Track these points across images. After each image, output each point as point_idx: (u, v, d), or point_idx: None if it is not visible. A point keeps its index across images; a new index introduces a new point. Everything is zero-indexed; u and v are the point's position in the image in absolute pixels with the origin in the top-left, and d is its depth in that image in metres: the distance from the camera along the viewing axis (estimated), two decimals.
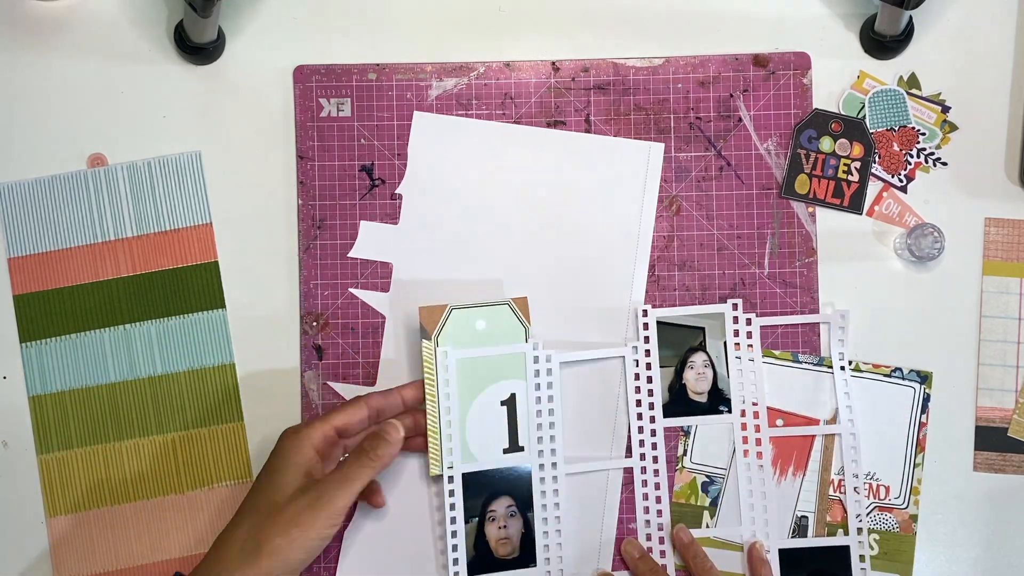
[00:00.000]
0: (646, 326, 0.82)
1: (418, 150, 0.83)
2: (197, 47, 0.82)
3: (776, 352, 0.82)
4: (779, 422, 0.82)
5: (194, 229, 0.83)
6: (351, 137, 0.83)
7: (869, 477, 0.82)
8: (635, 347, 0.82)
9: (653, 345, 0.82)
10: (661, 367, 0.82)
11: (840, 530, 0.81)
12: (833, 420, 0.82)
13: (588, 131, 0.83)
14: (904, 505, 0.82)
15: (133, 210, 0.83)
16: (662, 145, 0.83)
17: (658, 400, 0.81)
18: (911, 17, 0.82)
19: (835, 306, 0.82)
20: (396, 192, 0.83)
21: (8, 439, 0.82)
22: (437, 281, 0.82)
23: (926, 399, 0.82)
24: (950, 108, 0.84)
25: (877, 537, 0.81)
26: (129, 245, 0.83)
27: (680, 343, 0.82)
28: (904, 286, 0.83)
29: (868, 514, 0.81)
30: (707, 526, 0.81)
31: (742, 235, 0.83)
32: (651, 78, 0.83)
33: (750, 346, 0.82)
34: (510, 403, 0.80)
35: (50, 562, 0.81)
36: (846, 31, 0.84)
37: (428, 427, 0.79)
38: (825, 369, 0.82)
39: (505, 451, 0.80)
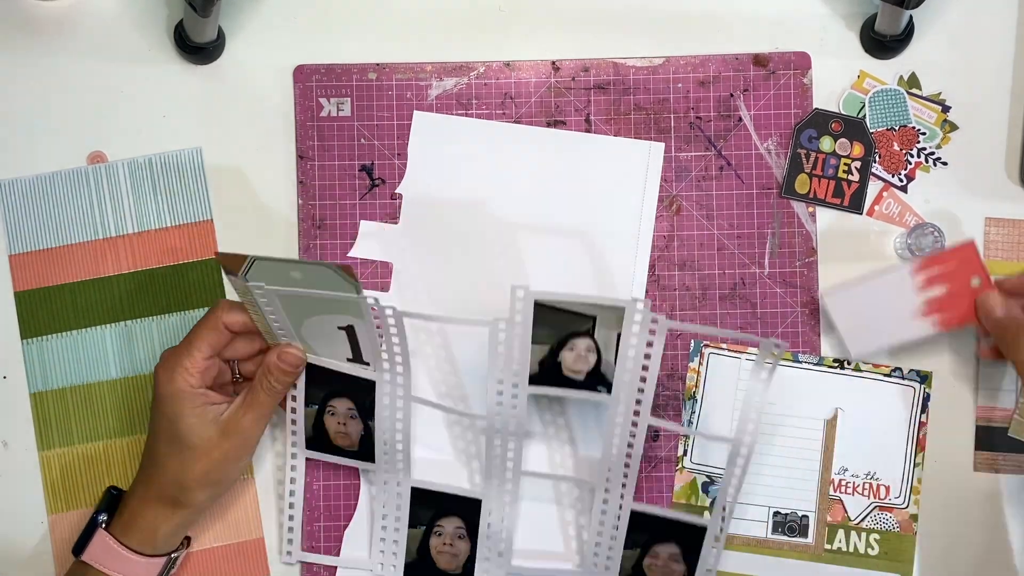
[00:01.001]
0: (524, 305, 0.72)
1: (418, 150, 0.83)
2: (197, 47, 0.82)
3: None
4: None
5: (195, 225, 0.83)
6: (351, 137, 0.83)
7: (869, 476, 0.82)
8: (504, 323, 0.73)
9: (526, 326, 0.72)
10: (534, 344, 0.73)
11: (840, 531, 0.81)
12: (833, 421, 0.82)
13: (588, 131, 0.83)
14: (904, 505, 0.82)
15: (134, 206, 0.83)
16: (662, 145, 0.83)
17: (524, 372, 0.74)
18: (911, 17, 0.82)
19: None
20: (396, 192, 0.83)
21: (9, 438, 0.82)
22: (437, 281, 0.82)
23: (926, 399, 0.82)
24: (950, 108, 0.84)
25: (877, 537, 0.81)
26: (130, 241, 0.83)
27: (562, 326, 0.73)
28: None
29: (868, 514, 0.82)
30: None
31: (742, 235, 0.83)
32: (651, 78, 0.83)
33: (650, 344, 0.72)
34: (350, 331, 0.74)
35: (52, 559, 0.81)
36: (846, 31, 0.84)
37: (263, 333, 0.74)
38: (825, 369, 0.82)
39: (349, 360, 0.76)
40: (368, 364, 0.76)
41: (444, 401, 0.81)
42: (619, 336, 0.73)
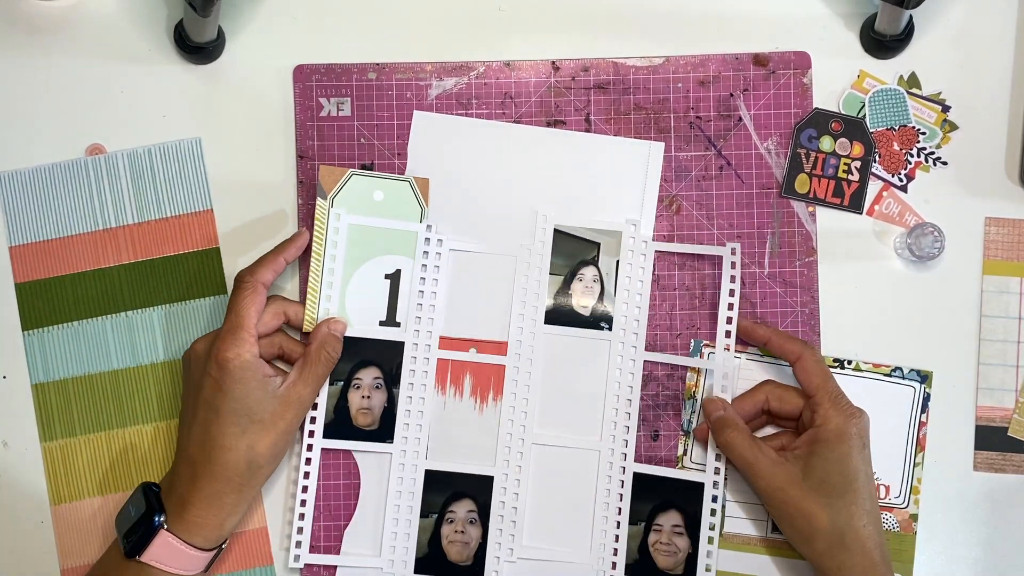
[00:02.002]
0: (544, 231, 0.82)
1: (418, 150, 0.83)
2: (197, 47, 0.82)
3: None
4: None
5: (195, 215, 0.83)
6: (351, 137, 0.83)
7: None
8: (529, 249, 0.82)
9: (546, 250, 0.82)
10: (551, 275, 0.82)
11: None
12: None
13: (588, 131, 0.83)
14: (904, 504, 0.82)
15: (134, 197, 0.83)
16: (662, 144, 0.83)
17: (541, 303, 0.82)
18: (911, 17, 0.82)
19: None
20: None
21: (9, 437, 0.82)
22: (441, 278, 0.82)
23: (926, 399, 0.82)
24: (950, 107, 0.84)
25: None
26: (130, 232, 0.83)
27: (574, 254, 0.82)
28: (904, 286, 0.83)
29: None
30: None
31: (742, 235, 0.83)
32: (651, 78, 0.83)
33: (642, 268, 0.82)
34: (394, 278, 0.81)
35: (55, 550, 0.81)
36: (846, 31, 0.85)
37: (308, 286, 0.80)
38: None
39: (381, 323, 0.81)
40: (399, 324, 0.80)
41: (466, 344, 0.82)
42: (618, 263, 0.82)
